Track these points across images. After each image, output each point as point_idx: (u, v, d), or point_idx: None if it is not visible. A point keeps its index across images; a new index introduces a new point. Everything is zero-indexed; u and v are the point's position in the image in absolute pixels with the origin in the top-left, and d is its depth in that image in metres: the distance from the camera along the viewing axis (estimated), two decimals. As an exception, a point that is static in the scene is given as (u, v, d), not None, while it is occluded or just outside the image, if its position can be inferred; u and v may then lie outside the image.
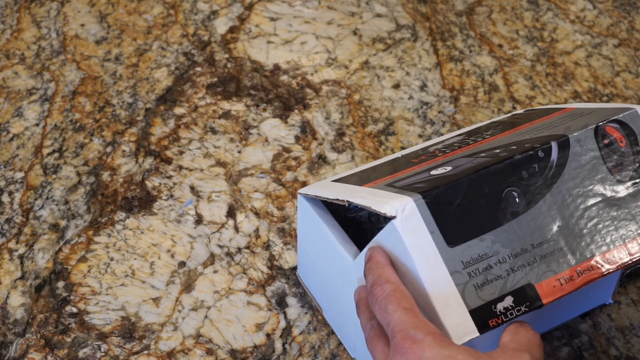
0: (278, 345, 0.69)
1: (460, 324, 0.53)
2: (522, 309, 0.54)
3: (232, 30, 1.00)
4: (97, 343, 0.68)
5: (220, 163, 0.84)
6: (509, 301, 0.54)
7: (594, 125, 0.60)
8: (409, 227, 0.53)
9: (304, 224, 0.68)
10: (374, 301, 0.52)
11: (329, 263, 0.65)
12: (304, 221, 0.67)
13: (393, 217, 0.53)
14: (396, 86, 0.93)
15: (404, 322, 0.49)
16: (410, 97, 0.91)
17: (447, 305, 0.53)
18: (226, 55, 0.96)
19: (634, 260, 0.58)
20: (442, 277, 0.53)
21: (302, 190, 0.65)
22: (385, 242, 0.56)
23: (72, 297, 0.72)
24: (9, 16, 1.01)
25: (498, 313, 0.54)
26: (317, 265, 0.68)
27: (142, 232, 0.77)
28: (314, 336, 0.70)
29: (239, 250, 0.76)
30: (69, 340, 0.69)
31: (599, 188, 0.59)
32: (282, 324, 0.70)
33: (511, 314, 0.54)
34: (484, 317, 0.53)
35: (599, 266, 0.57)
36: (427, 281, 0.53)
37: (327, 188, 0.64)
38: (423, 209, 0.54)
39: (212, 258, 0.75)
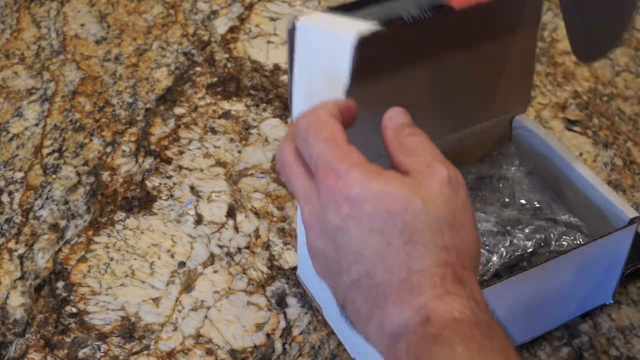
0: (278, 345, 0.69)
1: (364, 26, 0.49)
2: (428, 13, 0.51)
3: (232, 30, 1.00)
4: (97, 343, 0.68)
5: (220, 163, 0.84)
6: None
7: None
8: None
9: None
10: (297, 134, 0.47)
11: None
12: None
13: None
14: (396, 86, 0.93)
15: (326, 153, 0.44)
16: (410, 97, 0.91)
17: (355, 26, 0.49)
18: (226, 55, 0.96)
19: None
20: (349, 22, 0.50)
21: None
22: (311, 50, 0.53)
23: (72, 297, 0.72)
24: (8, 16, 1.01)
25: (406, 19, 0.51)
26: None
27: (142, 232, 0.77)
28: (314, 336, 0.70)
29: (239, 250, 0.76)
30: (68, 340, 0.69)
31: None
32: (282, 324, 0.70)
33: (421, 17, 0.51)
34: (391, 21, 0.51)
35: None
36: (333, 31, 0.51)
37: None
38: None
39: (212, 258, 0.75)
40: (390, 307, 0.43)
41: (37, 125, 0.87)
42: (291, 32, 0.54)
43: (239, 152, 0.85)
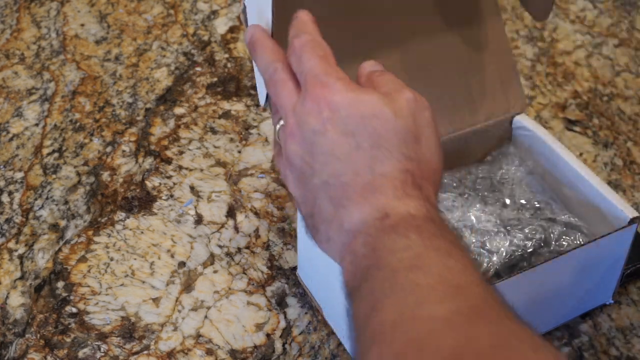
0: (278, 345, 0.69)
1: None
2: None
3: (232, 30, 1.00)
4: (97, 343, 0.68)
5: (220, 163, 0.84)
6: None
7: None
8: None
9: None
10: (291, 52, 0.51)
11: (328, 262, 0.65)
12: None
13: None
14: (396, 86, 0.93)
15: (316, 68, 0.49)
16: (410, 97, 0.91)
17: None
18: (226, 55, 0.96)
19: None
20: None
21: None
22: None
23: (72, 297, 0.72)
24: (8, 16, 1.01)
25: None
26: (317, 265, 0.68)
27: (142, 232, 0.77)
28: (314, 336, 0.70)
29: (239, 250, 0.76)
30: (68, 340, 0.69)
31: None
32: (282, 324, 0.70)
33: None
34: None
35: None
36: None
37: None
38: None
39: (212, 258, 0.75)
40: (352, 205, 0.47)
41: (37, 125, 0.87)
42: (244, 10, 0.59)
43: (239, 152, 0.85)
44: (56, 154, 0.84)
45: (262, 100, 0.61)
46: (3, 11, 1.01)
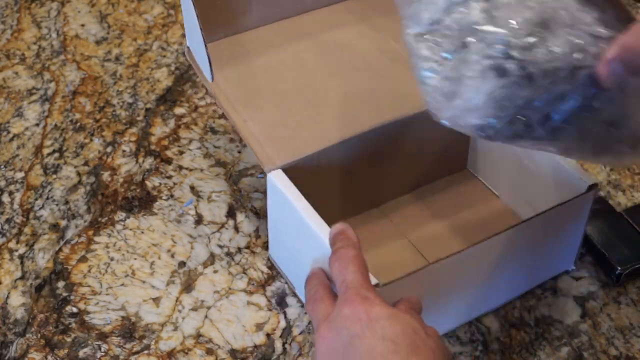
0: (278, 345, 0.69)
1: None
2: None
3: (232, 30, 1.00)
4: (97, 343, 0.68)
5: (220, 163, 0.84)
6: None
7: None
8: None
9: (273, 203, 0.69)
10: (335, 259, 0.59)
11: (299, 240, 0.66)
12: (274, 200, 0.68)
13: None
14: (396, 86, 0.93)
15: (358, 282, 0.57)
16: (410, 97, 0.91)
17: None
18: (226, 55, 0.96)
19: None
20: None
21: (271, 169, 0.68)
22: None
23: (72, 297, 0.72)
24: (9, 16, 1.01)
25: None
26: (287, 243, 0.70)
27: (142, 232, 0.77)
28: (314, 336, 0.70)
29: (239, 250, 0.76)
30: (69, 340, 0.69)
31: None
32: (282, 323, 0.70)
33: None
34: None
35: None
36: None
37: None
38: None
39: (212, 258, 0.75)
40: None
41: (37, 125, 0.87)
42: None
43: (239, 152, 0.85)
44: (56, 154, 0.84)
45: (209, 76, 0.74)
46: (3, 11, 1.02)
